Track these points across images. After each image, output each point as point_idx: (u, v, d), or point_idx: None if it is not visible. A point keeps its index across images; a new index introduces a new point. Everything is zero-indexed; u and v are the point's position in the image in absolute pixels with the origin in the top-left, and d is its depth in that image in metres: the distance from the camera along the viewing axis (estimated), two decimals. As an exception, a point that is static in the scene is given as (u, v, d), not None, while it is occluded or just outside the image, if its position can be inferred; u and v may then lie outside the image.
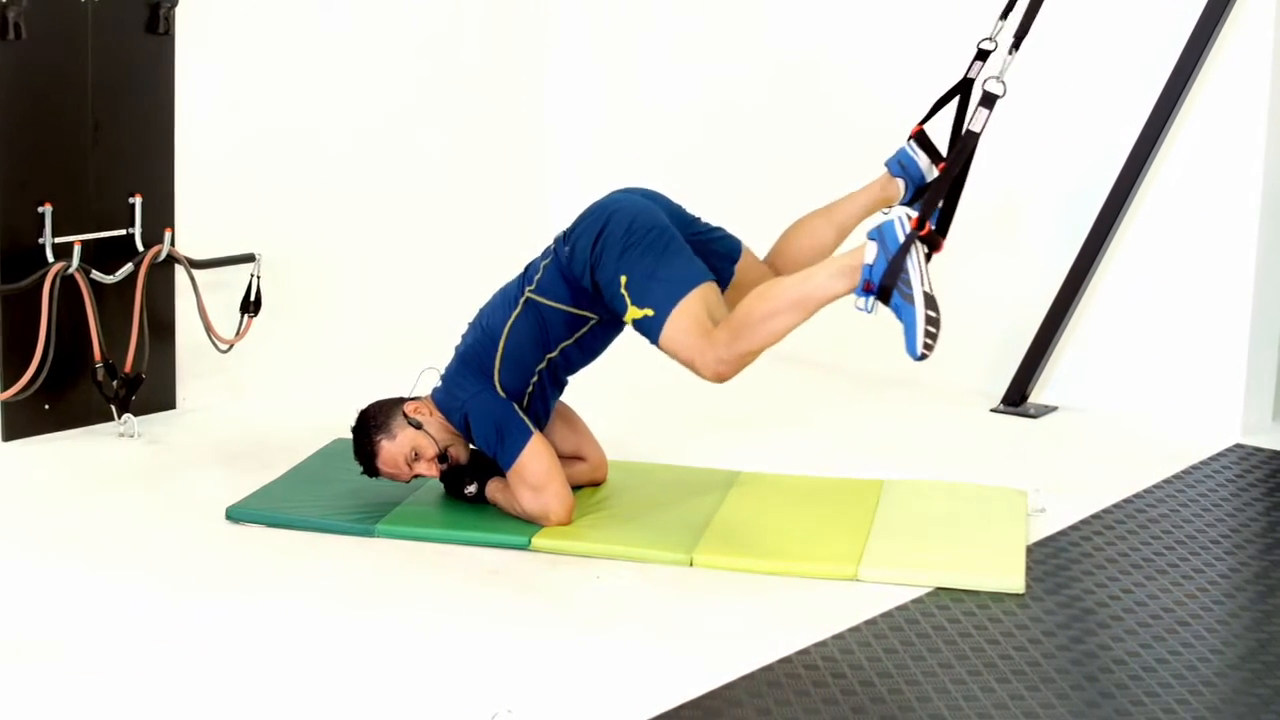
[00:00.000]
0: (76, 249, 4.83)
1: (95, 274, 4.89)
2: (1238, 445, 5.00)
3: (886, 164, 4.48)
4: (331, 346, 5.60)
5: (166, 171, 5.12)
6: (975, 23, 5.47)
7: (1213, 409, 5.11)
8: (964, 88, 4.41)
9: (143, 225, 5.05)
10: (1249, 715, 3.24)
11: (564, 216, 6.36)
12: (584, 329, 4.21)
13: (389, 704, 3.23)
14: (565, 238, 4.23)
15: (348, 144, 5.70)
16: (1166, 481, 4.64)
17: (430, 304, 5.86)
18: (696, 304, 4.01)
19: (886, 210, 3.92)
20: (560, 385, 4.31)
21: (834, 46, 5.81)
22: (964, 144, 3.82)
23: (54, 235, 4.83)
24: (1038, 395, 5.40)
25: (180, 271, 5.13)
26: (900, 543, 4.06)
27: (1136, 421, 5.17)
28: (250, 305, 5.23)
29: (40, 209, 4.81)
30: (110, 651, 3.44)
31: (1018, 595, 3.80)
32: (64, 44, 4.82)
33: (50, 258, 4.82)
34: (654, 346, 4.08)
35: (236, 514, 4.23)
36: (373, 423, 4.25)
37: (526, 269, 4.32)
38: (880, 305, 3.78)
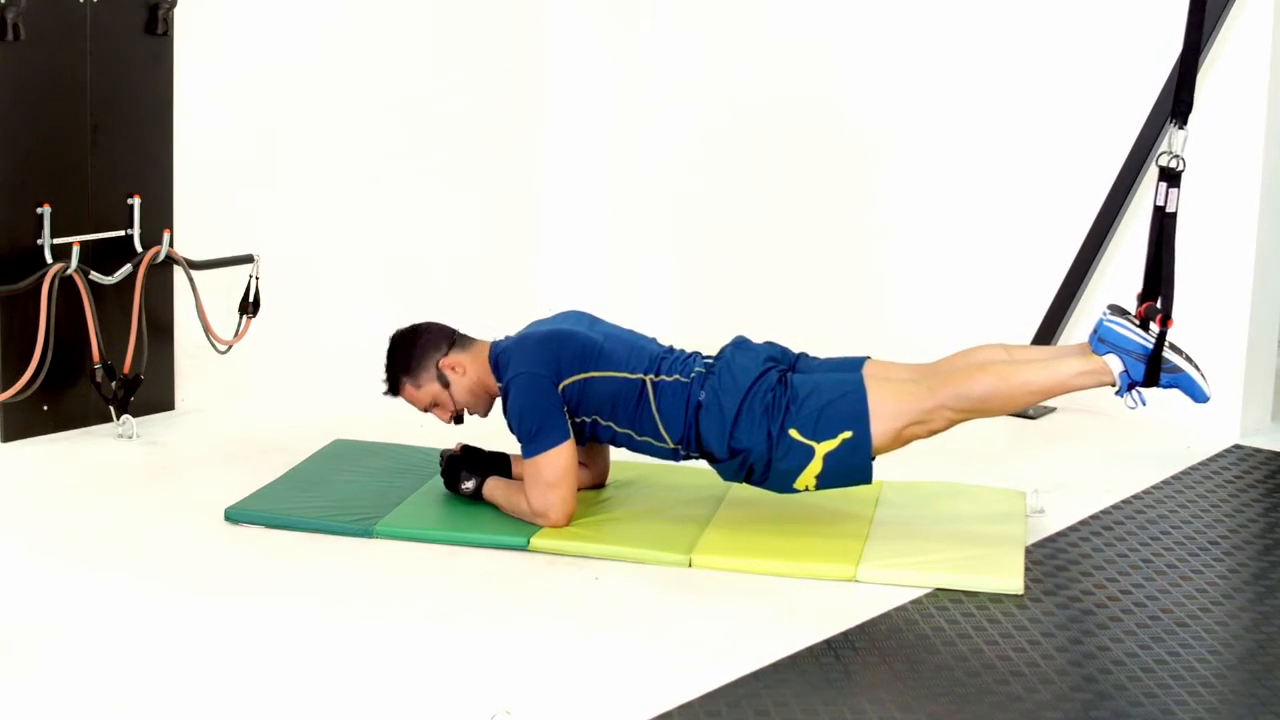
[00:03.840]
0: (75, 250, 4.82)
1: (94, 275, 4.89)
2: (1236, 446, 5.00)
3: (1090, 341, 4.15)
4: (330, 347, 5.59)
5: (165, 172, 5.12)
6: (980, 43, 5.49)
7: (1212, 410, 5.10)
8: (1159, 216, 4.18)
9: (141, 226, 5.04)
10: (1248, 715, 3.24)
11: (564, 216, 6.40)
12: (651, 439, 4.14)
13: (388, 704, 3.23)
14: (701, 382, 4.07)
15: (346, 145, 5.70)
16: (1166, 482, 4.64)
17: (429, 305, 5.85)
18: (879, 388, 3.99)
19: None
20: (601, 440, 4.24)
21: (839, 54, 5.81)
22: (1163, 227, 4.03)
23: (53, 236, 4.83)
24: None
25: (179, 272, 5.12)
26: (899, 543, 4.06)
27: (1136, 422, 5.16)
28: (249, 306, 5.22)
29: (39, 210, 4.81)
30: (110, 652, 3.43)
31: (1017, 596, 3.80)
32: (63, 45, 4.82)
33: (49, 259, 4.82)
34: (851, 482, 4.04)
35: (235, 515, 4.22)
36: (408, 359, 4.25)
37: (665, 353, 4.19)
38: (1149, 390, 4.01)
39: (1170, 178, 3.99)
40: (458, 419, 4.31)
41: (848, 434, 3.98)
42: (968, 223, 5.61)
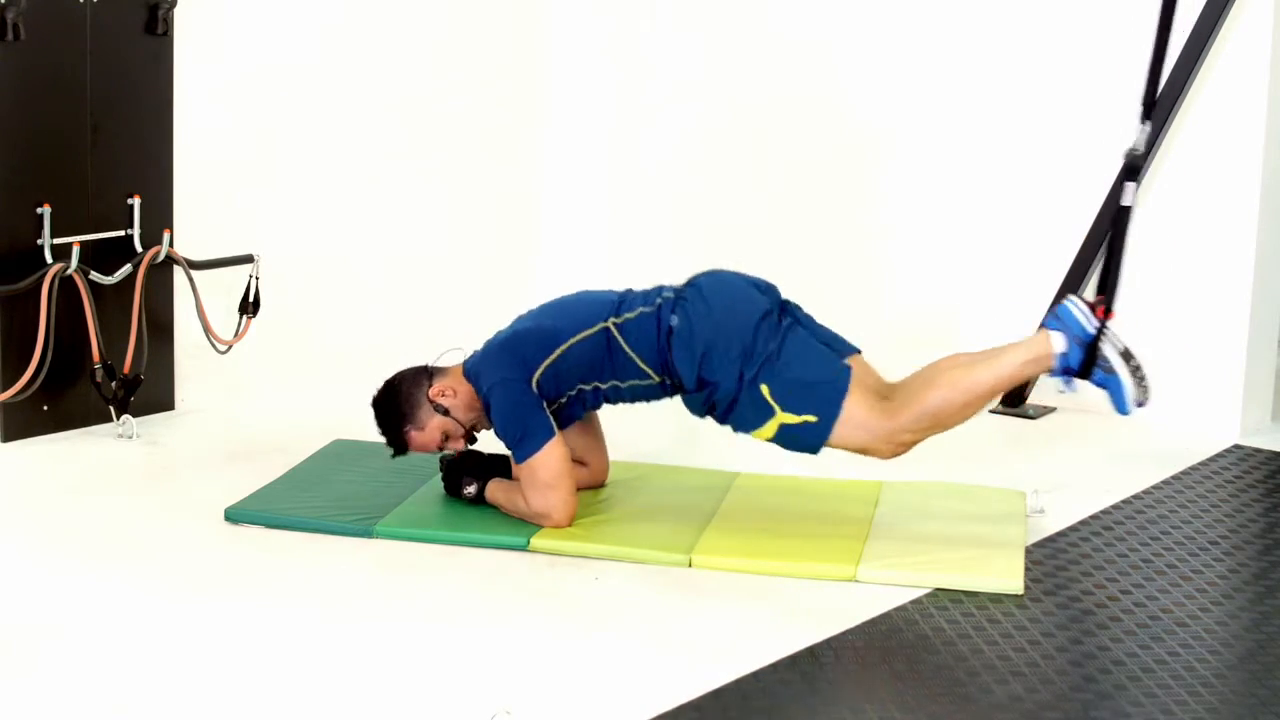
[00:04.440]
0: (75, 250, 4.82)
1: (94, 275, 4.89)
2: (1236, 446, 5.00)
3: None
4: (330, 347, 5.59)
5: (165, 172, 5.12)
6: (980, 43, 5.50)
7: (1212, 410, 5.11)
8: (1116, 212, 4.22)
9: (141, 226, 5.04)
10: (1248, 716, 3.24)
11: (562, 217, 6.40)
12: (644, 383, 4.14)
13: (388, 705, 3.23)
14: (673, 305, 4.10)
15: (346, 145, 5.70)
16: (1165, 482, 4.64)
17: (429, 305, 5.86)
18: (860, 405, 4.00)
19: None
20: (596, 406, 4.26)
21: (839, 54, 5.81)
22: (1118, 218, 4.05)
23: (53, 236, 4.83)
24: (1037, 396, 5.40)
25: (179, 272, 5.12)
26: (899, 544, 4.06)
27: (1136, 422, 5.15)
28: (249, 306, 5.22)
29: (39, 210, 4.81)
30: (110, 652, 3.43)
31: (1016, 596, 3.80)
32: (63, 45, 4.82)
33: (49, 259, 4.82)
34: (799, 450, 4.06)
35: (235, 515, 4.22)
36: (399, 411, 4.23)
37: (621, 295, 4.22)
38: (1080, 381, 4.02)
39: (1133, 173, 3.99)
40: (470, 439, 4.28)
41: (812, 418, 4.00)
42: (968, 222, 5.62)
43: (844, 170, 5.85)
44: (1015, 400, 5.36)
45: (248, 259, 5.23)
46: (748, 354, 4.02)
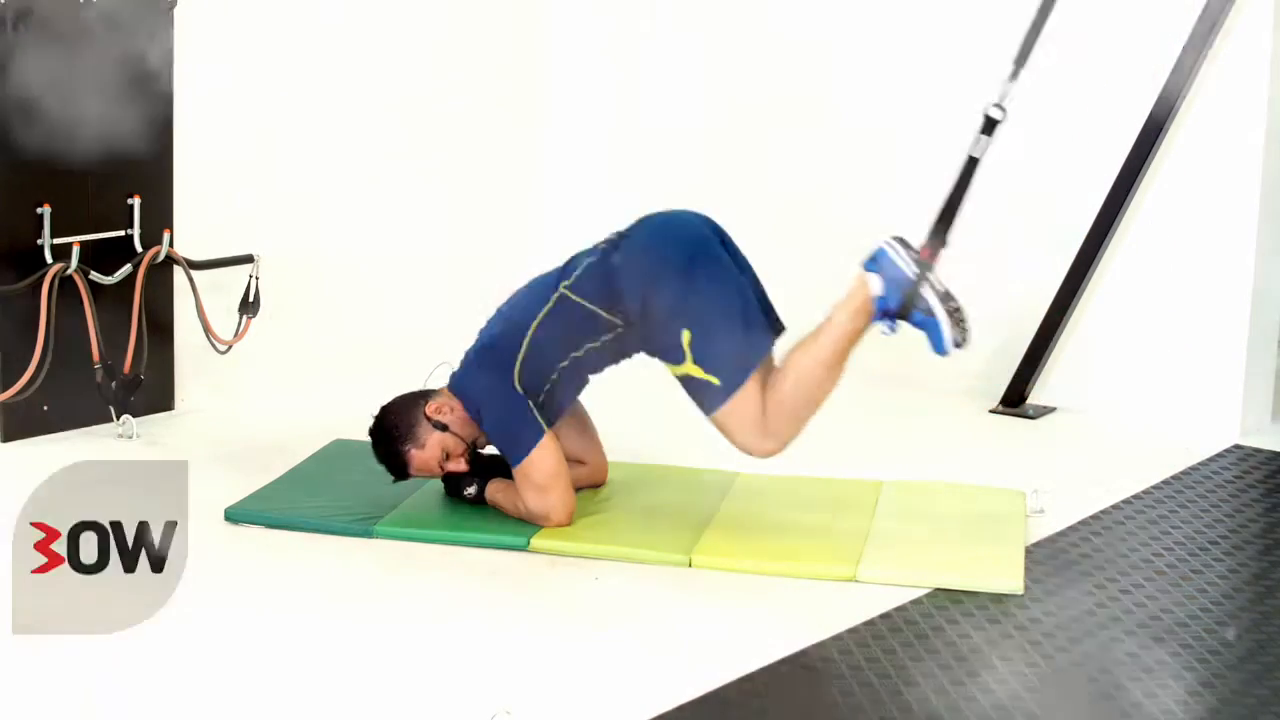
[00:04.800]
0: (75, 250, 4.82)
1: (94, 275, 4.88)
2: (1236, 446, 5.00)
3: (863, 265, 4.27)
4: (330, 347, 5.59)
5: (165, 173, 5.12)
6: (980, 41, 5.49)
7: (1211, 410, 5.11)
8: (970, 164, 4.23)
9: (141, 226, 5.04)
10: (1248, 716, 3.24)
11: (562, 217, 6.39)
12: (613, 333, 4.15)
13: (388, 705, 3.23)
14: (617, 245, 4.17)
15: (347, 145, 5.70)
16: (1166, 482, 4.64)
17: (429, 305, 5.86)
18: (755, 389, 4.02)
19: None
20: (582, 383, 4.26)
21: (839, 54, 5.81)
22: (965, 168, 3.99)
23: (52, 236, 4.83)
24: (1036, 396, 5.40)
25: (179, 272, 5.12)
26: (899, 544, 4.06)
27: (1135, 422, 5.16)
28: (249, 306, 5.22)
29: (39, 210, 4.81)
30: (109, 652, 3.43)
31: (1017, 596, 3.80)
32: (63, 44, 4.81)
33: (49, 259, 4.81)
34: (695, 409, 4.07)
35: (235, 515, 4.22)
36: (397, 432, 4.21)
37: (566, 263, 4.24)
38: (902, 323, 3.98)
39: (988, 125, 3.99)
40: (471, 454, 4.27)
41: (715, 380, 4.01)
42: (968, 222, 5.60)
43: (844, 170, 5.84)
44: (1015, 400, 5.36)
45: (248, 259, 5.23)
46: (683, 299, 4.04)
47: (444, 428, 4.19)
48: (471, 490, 4.28)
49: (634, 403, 5.24)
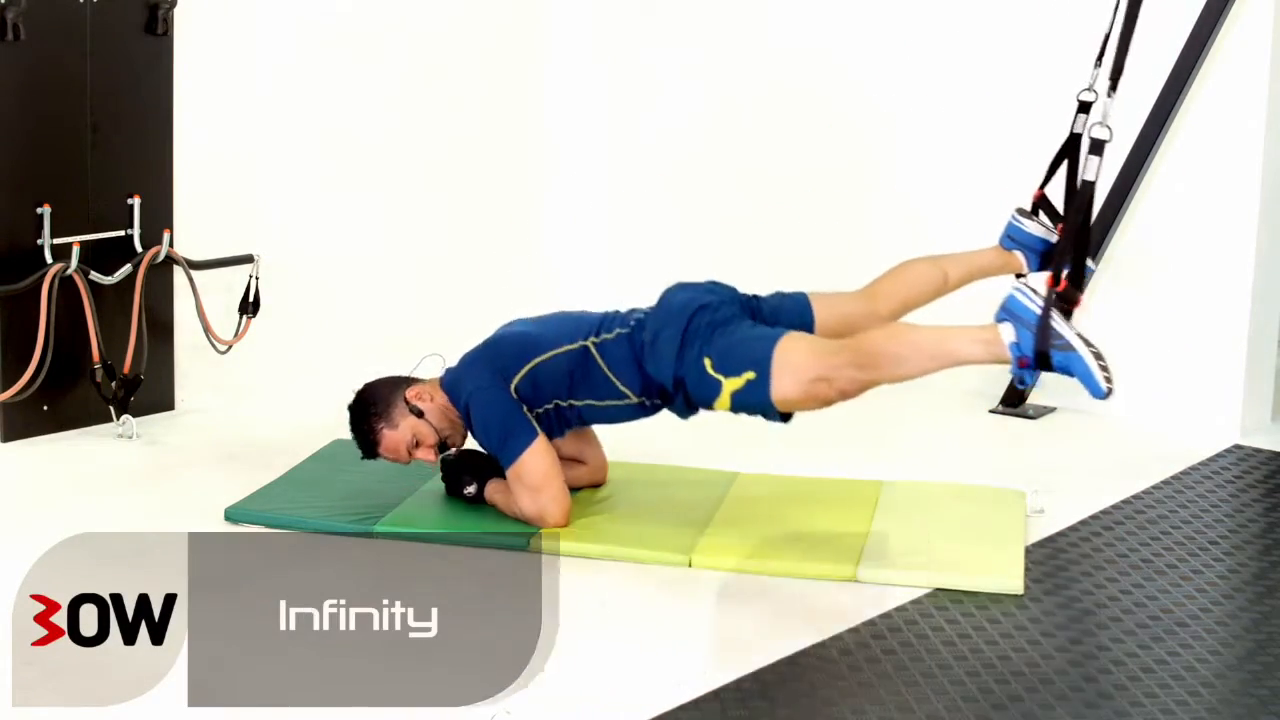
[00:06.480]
0: (75, 250, 4.82)
1: (94, 275, 4.89)
2: (1236, 446, 5.00)
3: (1000, 241, 4.39)
4: (330, 347, 5.59)
5: (165, 173, 5.12)
6: (981, 38, 5.50)
7: (1212, 410, 5.11)
8: (1072, 144, 4.29)
9: (141, 226, 5.04)
10: (1248, 716, 3.24)
11: (562, 217, 6.40)
12: (614, 401, 4.16)
13: (388, 705, 3.23)
14: (641, 325, 4.13)
15: (346, 145, 5.70)
16: (1165, 482, 4.64)
17: (428, 305, 5.86)
18: (796, 339, 3.99)
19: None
20: (570, 426, 4.25)
21: (836, 59, 5.81)
22: (1081, 195, 3.87)
23: (53, 236, 4.83)
24: (1036, 396, 5.40)
25: (179, 272, 5.13)
26: (899, 543, 4.06)
27: (1136, 422, 5.17)
28: (249, 306, 5.23)
29: (39, 210, 4.81)
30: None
31: (1016, 596, 3.80)
32: (63, 45, 4.82)
33: (49, 259, 4.82)
34: (768, 418, 4.03)
35: (235, 515, 4.22)
36: (374, 409, 4.24)
37: (604, 317, 4.23)
38: (1043, 373, 3.83)
39: (1095, 146, 3.93)
40: (443, 449, 4.27)
41: (750, 374, 3.97)
42: (968, 222, 5.60)
43: (845, 166, 5.85)
44: (1015, 400, 5.36)
45: (248, 259, 5.24)
46: (688, 337, 4.04)
47: (420, 414, 4.21)
48: (471, 490, 4.28)
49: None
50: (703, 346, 4.02)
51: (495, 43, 6.16)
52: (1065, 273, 3.78)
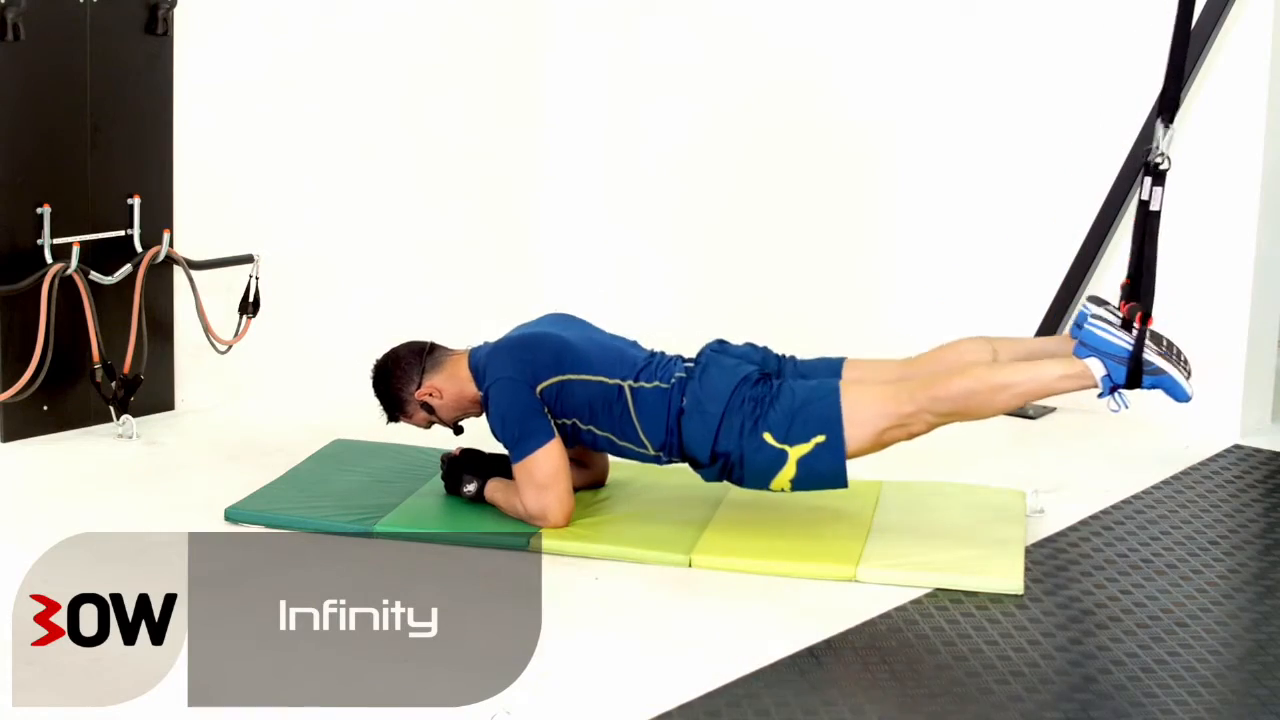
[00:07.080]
0: (75, 250, 4.82)
1: (94, 275, 4.89)
2: (1236, 446, 5.00)
3: (1069, 331, 4.22)
4: (330, 347, 5.59)
5: (165, 172, 5.12)
6: (980, 41, 5.50)
7: (1212, 410, 5.11)
8: (1143, 214, 4.13)
9: (141, 226, 5.04)
10: (1248, 716, 3.24)
11: (561, 217, 6.39)
12: (632, 445, 4.14)
13: (388, 705, 3.23)
14: (682, 388, 4.08)
15: (346, 145, 5.70)
16: (1165, 482, 4.64)
17: (429, 305, 5.86)
18: (855, 390, 3.97)
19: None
20: (576, 444, 4.24)
21: (836, 63, 5.81)
22: (1148, 225, 3.95)
23: (52, 236, 4.83)
24: (1036, 396, 5.40)
25: (179, 272, 5.13)
26: (899, 544, 4.06)
27: (1136, 422, 5.16)
28: (249, 306, 5.22)
29: (39, 210, 4.81)
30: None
31: (1016, 596, 3.80)
32: (63, 45, 4.82)
33: (49, 259, 4.82)
34: (832, 485, 4.01)
35: (235, 515, 4.22)
36: (387, 397, 4.31)
37: (649, 360, 4.18)
38: (1133, 391, 3.96)
39: (1157, 176, 3.95)
40: (457, 429, 4.33)
41: (821, 438, 3.97)
42: (968, 222, 5.61)
43: (843, 170, 5.85)
44: (1015, 400, 5.35)
45: (248, 259, 5.23)
46: (739, 411, 4.02)
47: (430, 410, 4.26)
48: (471, 488, 4.29)
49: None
50: (757, 421, 4.00)
51: (495, 44, 6.16)
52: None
